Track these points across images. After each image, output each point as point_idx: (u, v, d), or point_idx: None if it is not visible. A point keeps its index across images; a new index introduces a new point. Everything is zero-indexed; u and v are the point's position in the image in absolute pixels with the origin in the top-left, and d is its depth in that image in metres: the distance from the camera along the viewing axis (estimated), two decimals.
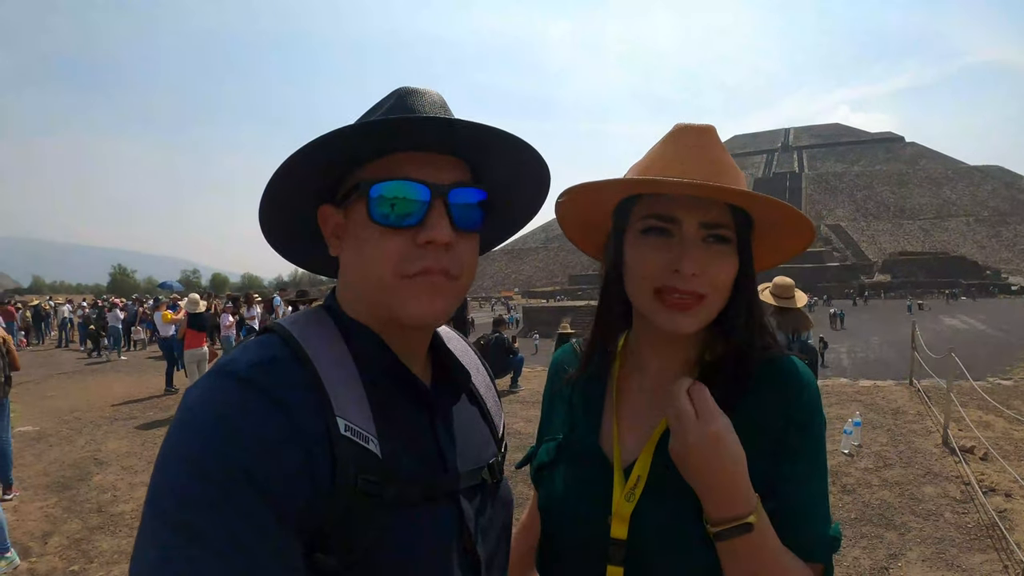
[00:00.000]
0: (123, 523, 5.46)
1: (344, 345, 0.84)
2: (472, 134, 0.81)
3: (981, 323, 29.45)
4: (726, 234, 0.96)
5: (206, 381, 0.74)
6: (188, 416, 0.70)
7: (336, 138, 0.77)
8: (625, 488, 0.96)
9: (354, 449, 0.75)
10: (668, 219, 0.96)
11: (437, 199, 0.80)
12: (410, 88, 0.87)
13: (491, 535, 0.93)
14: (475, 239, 0.88)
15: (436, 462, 0.86)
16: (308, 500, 0.70)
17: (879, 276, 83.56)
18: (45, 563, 4.74)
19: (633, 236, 1.00)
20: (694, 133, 1.01)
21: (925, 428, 7.46)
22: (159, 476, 0.68)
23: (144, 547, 0.64)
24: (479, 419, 1.01)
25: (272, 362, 0.75)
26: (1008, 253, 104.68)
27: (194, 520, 0.63)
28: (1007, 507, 5.08)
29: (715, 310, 0.97)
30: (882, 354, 16.92)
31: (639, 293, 0.99)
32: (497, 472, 0.97)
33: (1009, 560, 4.24)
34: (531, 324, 23.46)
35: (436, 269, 0.80)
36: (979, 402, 7.99)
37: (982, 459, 6.18)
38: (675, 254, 0.94)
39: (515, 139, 0.83)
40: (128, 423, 9.39)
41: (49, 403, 11.15)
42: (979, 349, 16.66)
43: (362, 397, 0.80)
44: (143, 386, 12.78)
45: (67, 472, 6.99)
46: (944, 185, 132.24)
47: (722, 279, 0.96)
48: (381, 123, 0.78)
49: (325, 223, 0.89)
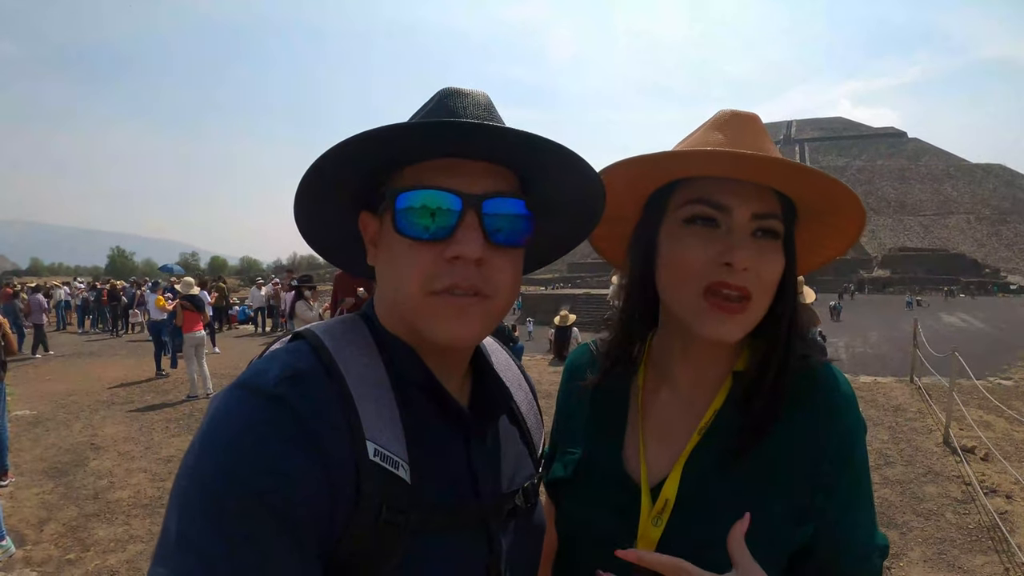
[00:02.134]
0: (119, 510, 5.43)
1: (379, 359, 0.79)
2: (510, 140, 0.73)
3: (980, 321, 29.43)
4: (776, 226, 0.88)
5: (232, 393, 0.70)
6: (211, 430, 0.67)
7: (359, 141, 0.71)
8: (653, 512, 0.90)
9: (382, 476, 0.71)
10: (717, 206, 0.87)
11: (469, 210, 0.74)
12: (452, 89, 0.81)
13: (520, 563, 0.88)
14: (515, 255, 0.81)
15: (468, 487, 0.81)
16: (328, 527, 0.67)
17: (878, 271, 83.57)
18: (41, 551, 4.71)
19: (673, 227, 0.92)
20: (742, 119, 0.94)
21: (926, 426, 7.45)
22: (177, 493, 0.65)
23: (158, 563, 0.62)
24: (517, 440, 0.95)
25: (301, 377, 0.71)
26: (1008, 252, 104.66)
27: (206, 545, 0.61)
28: (1008, 509, 5.07)
29: (759, 315, 0.89)
30: (881, 350, 16.90)
31: (682, 293, 0.89)
32: (532, 496, 0.92)
33: (1011, 563, 4.23)
34: (529, 311, 23.49)
35: (464, 287, 0.74)
36: (980, 401, 7.98)
37: (983, 459, 6.18)
38: (725, 246, 0.85)
39: (558, 147, 0.74)
40: (125, 407, 9.38)
41: (47, 386, 11.13)
42: (978, 347, 16.63)
43: (395, 417, 0.75)
44: (140, 369, 12.75)
45: (64, 457, 6.97)
46: (945, 182, 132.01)
47: (770, 278, 0.88)
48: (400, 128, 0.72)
49: (365, 230, 0.84)
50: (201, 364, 10.15)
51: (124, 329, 21.93)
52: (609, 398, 1.04)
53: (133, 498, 5.70)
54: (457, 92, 0.80)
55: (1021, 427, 7.10)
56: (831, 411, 0.90)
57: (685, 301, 0.89)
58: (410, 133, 0.73)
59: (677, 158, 0.90)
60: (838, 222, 0.94)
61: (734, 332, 0.87)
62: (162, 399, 9.91)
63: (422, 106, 0.82)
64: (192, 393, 10.01)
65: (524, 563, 0.89)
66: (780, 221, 0.89)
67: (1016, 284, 72.83)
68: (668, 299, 0.94)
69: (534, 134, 0.71)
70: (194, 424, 8.15)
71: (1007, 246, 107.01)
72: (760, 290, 0.87)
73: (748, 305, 0.86)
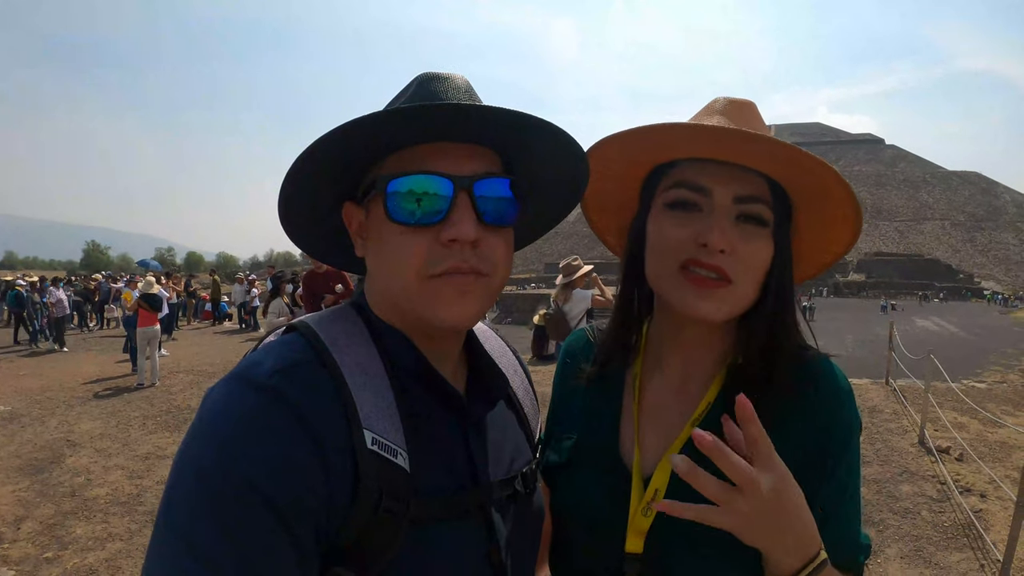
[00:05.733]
0: (97, 508, 5.34)
1: (374, 348, 0.79)
2: (499, 120, 0.74)
3: (953, 326, 29.96)
4: (761, 211, 0.87)
5: (227, 386, 0.70)
6: (205, 423, 0.67)
7: (348, 129, 0.71)
8: (643, 501, 0.90)
9: (380, 464, 0.71)
10: (697, 188, 0.87)
11: (461, 192, 0.75)
12: (432, 74, 0.81)
13: (520, 548, 0.88)
14: (507, 233, 0.82)
15: (467, 475, 0.82)
16: (326, 517, 0.67)
17: (854, 275, 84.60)
18: (18, 549, 4.61)
19: (657, 211, 0.92)
20: (737, 105, 0.93)
21: (901, 427, 7.56)
22: (173, 484, 0.65)
23: (153, 557, 0.62)
24: (515, 425, 0.96)
25: (296, 368, 0.71)
26: (982, 258, 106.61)
27: (202, 536, 0.60)
28: (982, 507, 5.17)
29: (744, 301, 0.88)
30: (857, 353, 17.12)
31: (661, 270, 0.90)
32: (531, 481, 0.93)
33: (985, 559, 4.31)
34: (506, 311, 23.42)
35: (464, 268, 0.75)
36: (954, 403, 8.13)
37: (958, 459, 6.28)
38: (704, 226, 0.85)
39: (547, 124, 0.77)
40: (100, 403, 9.22)
41: (21, 382, 10.91)
42: (952, 351, 16.93)
43: (392, 406, 0.75)
44: (116, 365, 12.54)
45: (39, 454, 6.83)
46: (921, 188, 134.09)
47: (754, 263, 0.86)
48: (391, 113, 0.72)
49: (350, 222, 0.84)
50: (153, 356, 10.64)
51: (99, 324, 21.61)
52: (606, 385, 1.04)
53: (111, 495, 5.60)
54: (436, 76, 0.81)
55: (994, 428, 7.24)
56: (833, 404, 0.89)
57: (664, 279, 0.89)
58: (400, 118, 0.73)
59: (656, 132, 0.89)
60: (832, 209, 0.91)
61: (714, 310, 0.86)
62: (138, 395, 9.75)
63: (400, 92, 0.82)
64: (140, 382, 10.36)
65: (524, 548, 0.90)
66: (767, 207, 0.87)
67: (989, 290, 74.14)
68: (652, 281, 0.93)
69: (524, 112, 0.73)
70: (171, 421, 8.04)
71: (981, 252, 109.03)
72: (742, 274, 0.85)
73: (728, 287, 0.85)
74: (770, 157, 0.84)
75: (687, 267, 0.85)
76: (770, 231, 0.88)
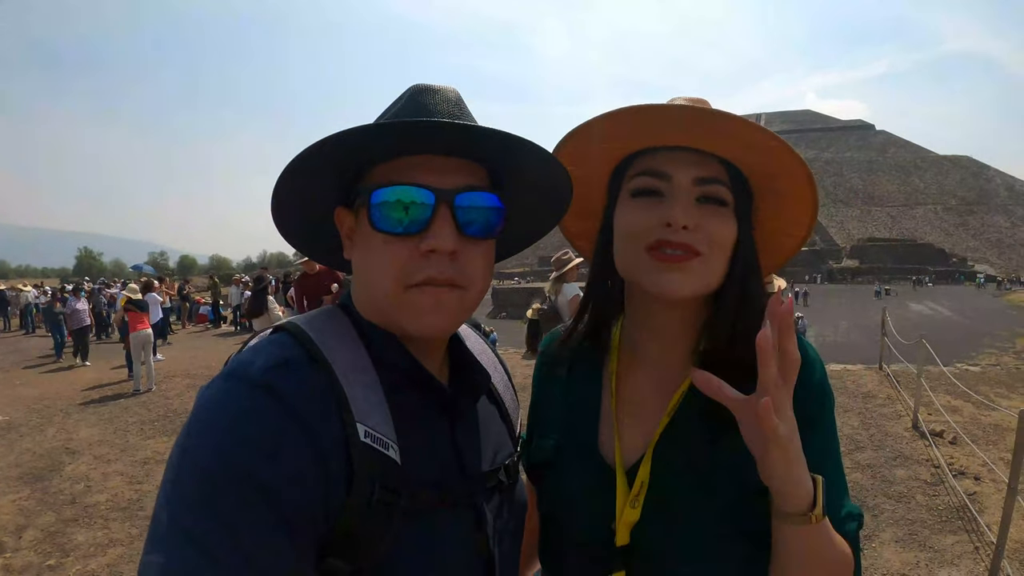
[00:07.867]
0: (98, 514, 5.35)
1: (362, 346, 0.82)
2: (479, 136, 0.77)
3: (947, 310, 30.13)
4: (721, 192, 0.89)
5: (220, 384, 0.71)
6: (200, 421, 0.69)
7: (337, 140, 0.73)
8: (630, 495, 0.91)
9: (373, 457, 0.73)
10: (658, 174, 0.89)
11: (442, 204, 0.77)
12: (423, 86, 0.84)
13: (506, 537, 0.91)
14: (487, 246, 0.85)
15: (454, 466, 0.85)
16: (321, 509, 0.69)
17: (847, 261, 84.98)
18: (21, 558, 4.63)
19: (622, 201, 0.94)
20: (693, 101, 0.94)
21: (895, 412, 7.62)
22: (170, 479, 0.66)
23: (151, 550, 0.63)
24: (497, 419, 0.99)
25: (287, 364, 0.73)
26: (974, 242, 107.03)
27: (200, 529, 0.62)
28: (976, 490, 5.23)
29: (713, 275, 0.89)
30: (850, 338, 17.20)
31: (629, 255, 0.91)
32: (513, 473, 0.96)
33: (980, 541, 4.37)
34: (501, 306, 23.35)
35: (440, 279, 0.78)
36: (947, 387, 8.17)
37: (951, 443, 6.34)
38: (666, 208, 0.87)
39: (525, 142, 0.79)
40: (98, 410, 9.20)
41: (18, 391, 10.88)
42: (945, 335, 17.05)
43: (381, 400, 0.78)
44: (112, 372, 12.50)
45: (39, 463, 6.83)
46: (912, 173, 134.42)
47: (719, 239, 0.88)
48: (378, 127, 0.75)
49: (340, 225, 0.87)
50: (148, 361, 10.54)
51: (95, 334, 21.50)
52: (582, 383, 1.05)
53: (111, 501, 5.62)
54: (427, 89, 0.83)
55: (988, 412, 7.30)
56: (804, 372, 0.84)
57: (631, 262, 0.91)
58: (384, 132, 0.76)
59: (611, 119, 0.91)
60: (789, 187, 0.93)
61: (681, 283, 0.87)
62: (135, 400, 9.75)
63: (392, 103, 0.85)
64: (137, 387, 10.31)
65: (509, 537, 0.93)
66: (727, 188, 0.90)
67: (982, 273, 74.47)
68: (621, 269, 0.95)
69: (504, 133, 0.75)
70: (169, 426, 8.04)
71: (973, 236, 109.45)
72: (709, 248, 0.87)
73: (696, 258, 0.87)
74: (727, 135, 0.86)
75: (655, 248, 0.87)
76: (731, 210, 0.90)
